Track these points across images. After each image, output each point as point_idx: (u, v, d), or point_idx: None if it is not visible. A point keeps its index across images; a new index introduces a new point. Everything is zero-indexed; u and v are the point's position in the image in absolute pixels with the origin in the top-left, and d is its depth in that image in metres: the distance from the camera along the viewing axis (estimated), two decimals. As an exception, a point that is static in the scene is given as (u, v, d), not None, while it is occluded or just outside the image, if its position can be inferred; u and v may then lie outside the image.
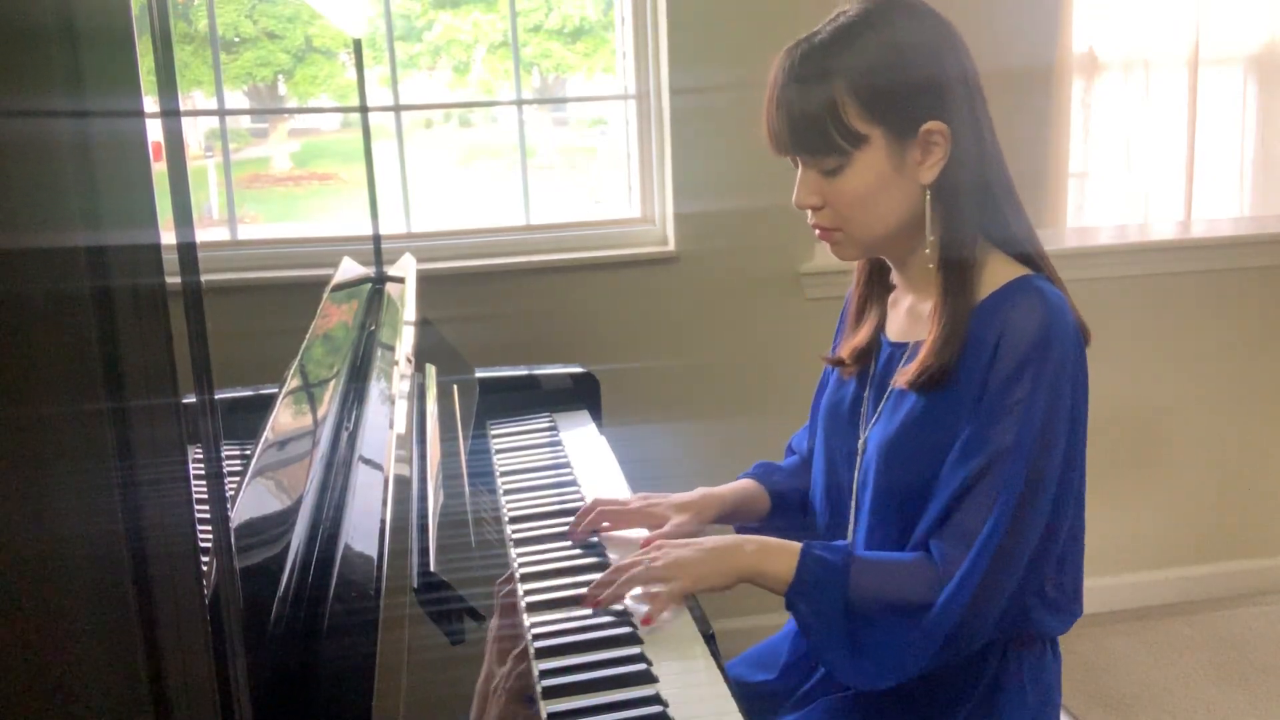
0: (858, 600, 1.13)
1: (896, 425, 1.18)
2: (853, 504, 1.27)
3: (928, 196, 1.15)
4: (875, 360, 1.28)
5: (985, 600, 1.10)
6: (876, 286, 1.31)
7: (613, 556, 1.33)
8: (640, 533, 1.37)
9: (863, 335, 1.29)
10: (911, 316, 1.24)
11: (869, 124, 1.12)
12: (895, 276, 1.29)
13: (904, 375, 1.18)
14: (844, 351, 1.31)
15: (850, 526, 1.27)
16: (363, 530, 0.91)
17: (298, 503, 0.91)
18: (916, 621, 1.11)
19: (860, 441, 1.26)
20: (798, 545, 1.17)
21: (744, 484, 1.44)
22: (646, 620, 1.15)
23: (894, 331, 1.27)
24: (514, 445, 1.76)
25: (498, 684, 1.03)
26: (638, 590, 1.19)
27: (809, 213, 1.19)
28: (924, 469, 1.16)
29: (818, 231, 1.21)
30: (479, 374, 1.88)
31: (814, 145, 1.14)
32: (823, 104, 1.12)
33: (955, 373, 1.13)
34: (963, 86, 1.15)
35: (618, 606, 1.19)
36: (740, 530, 1.44)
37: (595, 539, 1.37)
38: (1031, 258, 1.19)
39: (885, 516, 1.21)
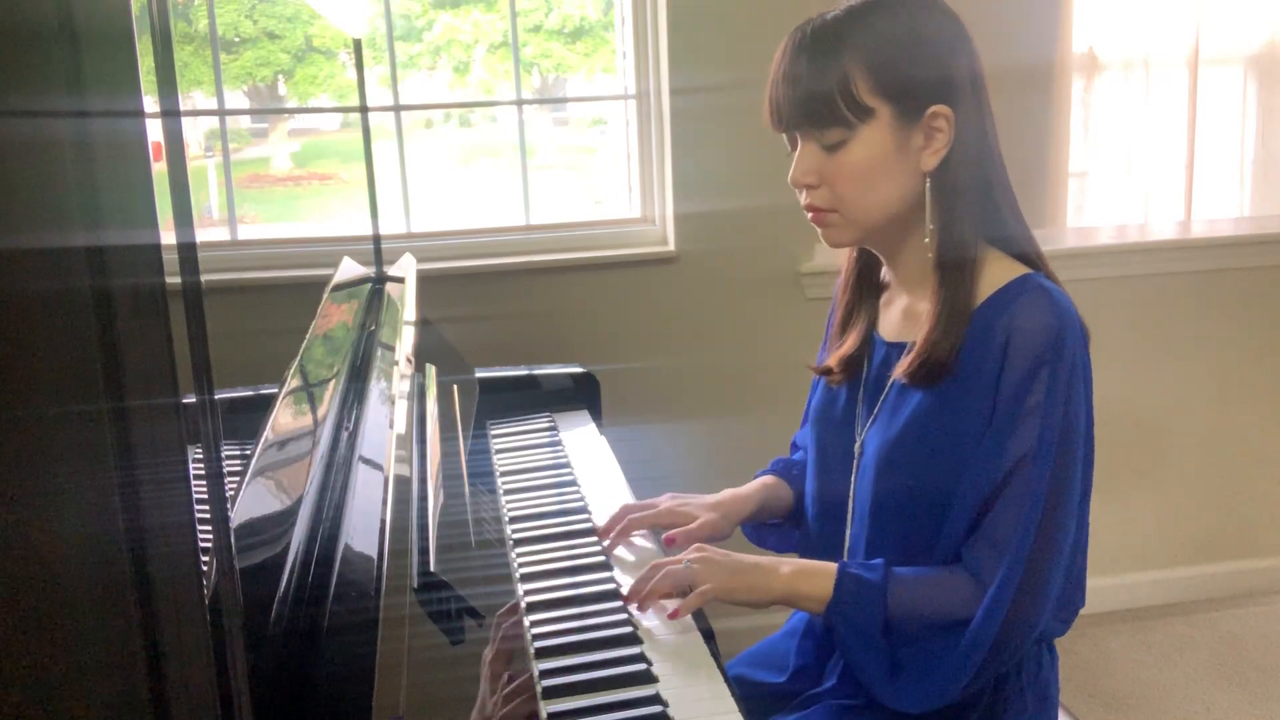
0: (897, 618, 1.12)
1: (900, 425, 1.17)
2: (850, 508, 1.26)
3: (928, 185, 1.15)
4: (868, 363, 1.26)
5: (1025, 608, 1.09)
6: (865, 290, 1.30)
7: (616, 566, 1.33)
8: (646, 545, 1.37)
9: (850, 343, 1.28)
10: (907, 316, 1.23)
11: (877, 99, 1.12)
12: (888, 274, 1.28)
13: (901, 367, 1.17)
14: (832, 360, 1.29)
15: (846, 532, 1.26)
16: (363, 530, 0.91)
17: (298, 503, 0.91)
18: (959, 638, 1.10)
19: (857, 445, 1.25)
20: (833, 566, 1.16)
21: (766, 480, 1.44)
22: (675, 614, 1.16)
23: (889, 331, 1.26)
24: (514, 445, 1.76)
25: (491, 711, 1.03)
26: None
27: (803, 193, 1.18)
28: (928, 469, 1.15)
29: (810, 214, 1.19)
30: (479, 374, 1.88)
31: (819, 117, 1.13)
32: (833, 74, 1.12)
33: (957, 368, 1.13)
34: (970, 80, 1.15)
35: (629, 605, 1.20)
36: (760, 530, 1.44)
37: (599, 542, 1.38)
38: (1030, 257, 1.19)
39: (884, 521, 1.19)
